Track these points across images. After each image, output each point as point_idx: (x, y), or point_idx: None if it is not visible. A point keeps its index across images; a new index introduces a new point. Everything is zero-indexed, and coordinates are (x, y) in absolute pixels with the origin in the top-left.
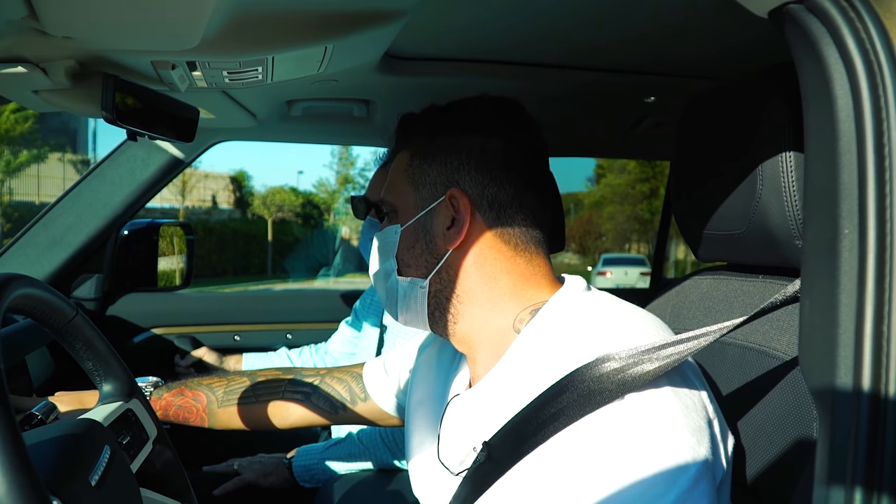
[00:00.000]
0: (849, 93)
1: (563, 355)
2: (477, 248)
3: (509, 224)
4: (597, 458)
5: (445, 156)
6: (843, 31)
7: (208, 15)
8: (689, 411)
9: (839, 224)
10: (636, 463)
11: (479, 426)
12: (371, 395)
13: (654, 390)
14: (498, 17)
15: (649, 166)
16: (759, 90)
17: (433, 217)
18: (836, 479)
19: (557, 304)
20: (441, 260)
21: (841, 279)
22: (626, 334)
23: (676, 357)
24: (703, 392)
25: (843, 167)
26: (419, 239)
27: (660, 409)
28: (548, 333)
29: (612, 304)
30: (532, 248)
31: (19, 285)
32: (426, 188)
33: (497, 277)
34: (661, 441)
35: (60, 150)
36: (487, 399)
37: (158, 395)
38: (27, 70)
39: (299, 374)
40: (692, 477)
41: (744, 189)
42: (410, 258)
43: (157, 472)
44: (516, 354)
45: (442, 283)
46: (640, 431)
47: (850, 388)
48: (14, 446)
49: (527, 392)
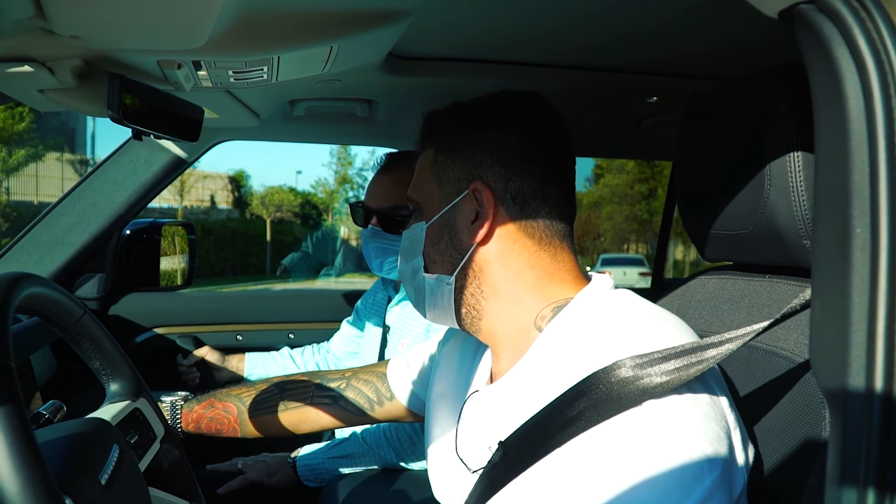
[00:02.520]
0: (860, 93)
1: (583, 357)
2: (501, 242)
3: (533, 217)
4: (611, 466)
5: (468, 151)
6: (854, 31)
7: (215, 14)
8: (709, 420)
9: (851, 224)
10: (652, 472)
11: (497, 423)
12: (396, 395)
13: (675, 397)
14: (501, 17)
15: (648, 167)
16: (765, 89)
17: (457, 212)
18: (848, 479)
19: (581, 303)
20: (466, 255)
21: (853, 278)
22: (650, 337)
23: (699, 368)
24: (723, 398)
25: (854, 167)
26: (444, 235)
27: (679, 418)
28: (570, 333)
29: (637, 305)
30: (557, 242)
31: (28, 284)
32: (450, 183)
33: (520, 272)
34: (678, 450)
35: (59, 150)
36: (507, 397)
37: (189, 408)
38: (33, 69)
39: (325, 378)
40: (708, 488)
41: (751, 188)
42: (436, 254)
43: (165, 471)
44: (538, 353)
45: (467, 279)
46: (657, 440)
47: (862, 389)
48: (27, 445)
49: (546, 392)
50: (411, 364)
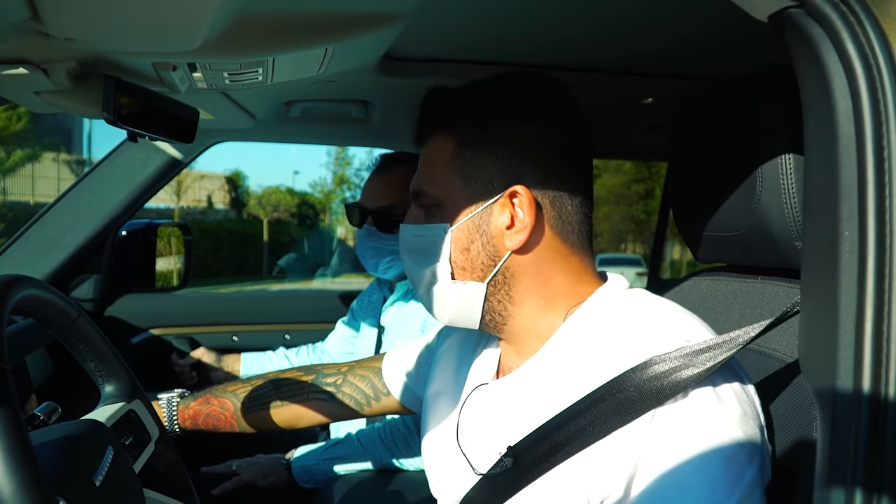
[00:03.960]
0: (848, 96)
1: (607, 358)
2: (537, 249)
3: (569, 222)
4: (656, 459)
5: (499, 147)
6: (842, 35)
7: (211, 16)
8: (747, 417)
9: (839, 226)
10: (700, 463)
11: (506, 420)
12: (391, 390)
13: (711, 388)
14: (496, 19)
15: (645, 167)
16: (757, 92)
17: (489, 216)
18: (836, 479)
19: (598, 302)
20: (500, 262)
21: (841, 280)
22: (677, 334)
23: (712, 364)
24: (756, 397)
25: (843, 170)
26: (474, 240)
27: (718, 410)
28: (589, 333)
29: (658, 303)
30: (584, 245)
31: (23, 286)
32: (479, 183)
33: (552, 277)
34: (722, 442)
35: (55, 150)
36: (518, 392)
37: (185, 404)
38: (28, 71)
39: (321, 373)
40: (751, 480)
41: (743, 190)
42: (465, 261)
43: (160, 473)
44: (553, 350)
45: (496, 286)
46: (702, 431)
47: (850, 389)
48: (21, 447)
49: (562, 394)
50: (407, 359)
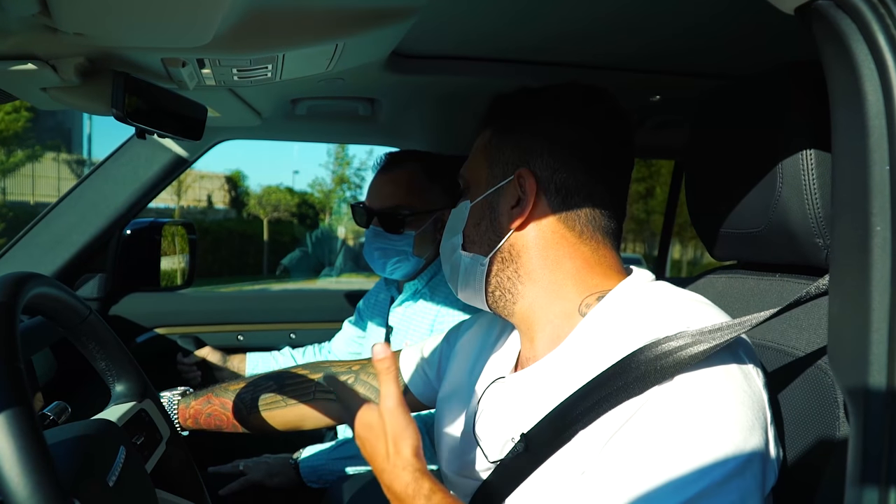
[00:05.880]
0: (879, 90)
1: (620, 341)
2: (540, 231)
3: (575, 211)
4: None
5: (521, 137)
6: (873, 27)
7: (221, 12)
8: (746, 408)
9: (870, 221)
10: (692, 445)
11: (525, 410)
12: (409, 386)
13: (708, 371)
14: (505, 16)
15: (645, 166)
16: (777, 87)
17: (501, 195)
18: (869, 479)
19: (623, 291)
20: (503, 238)
21: (873, 276)
22: (693, 319)
23: (718, 342)
24: (764, 393)
25: (873, 164)
26: (485, 216)
27: (710, 394)
28: (610, 319)
29: (679, 293)
30: (599, 237)
31: (35, 284)
32: (498, 166)
33: (560, 261)
34: (708, 428)
35: (55, 150)
36: (538, 382)
37: (186, 403)
38: (37, 67)
39: (331, 371)
40: (729, 471)
41: (763, 187)
42: (475, 234)
43: (170, 473)
44: (577, 338)
45: (503, 262)
46: (686, 415)
47: (883, 388)
48: (37, 449)
49: (578, 377)
50: (426, 352)
